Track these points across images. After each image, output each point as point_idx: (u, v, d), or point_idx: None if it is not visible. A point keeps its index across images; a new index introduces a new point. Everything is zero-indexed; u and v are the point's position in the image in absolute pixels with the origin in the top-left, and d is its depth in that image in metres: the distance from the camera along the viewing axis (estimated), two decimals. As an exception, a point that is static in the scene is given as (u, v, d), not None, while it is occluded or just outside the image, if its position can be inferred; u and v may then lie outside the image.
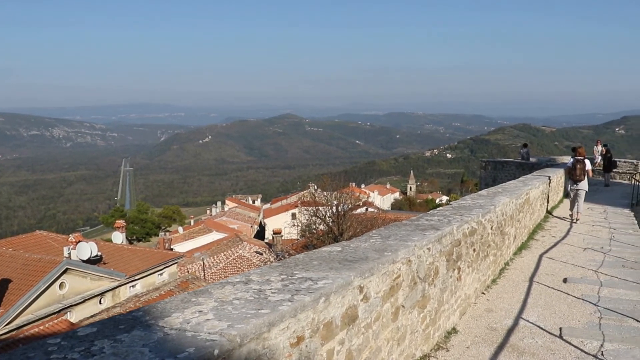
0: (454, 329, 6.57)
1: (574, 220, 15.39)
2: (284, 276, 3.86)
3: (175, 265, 30.30)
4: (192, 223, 71.75)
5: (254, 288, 3.56)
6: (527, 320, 7.01)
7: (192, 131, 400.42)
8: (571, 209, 15.79)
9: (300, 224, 41.74)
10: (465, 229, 6.87)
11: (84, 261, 24.33)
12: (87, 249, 24.90)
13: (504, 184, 12.74)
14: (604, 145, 29.48)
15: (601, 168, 28.28)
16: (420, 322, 5.49)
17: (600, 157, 30.39)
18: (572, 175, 15.69)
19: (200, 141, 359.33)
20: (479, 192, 10.59)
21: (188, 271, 33.48)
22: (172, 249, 41.83)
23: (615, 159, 29.81)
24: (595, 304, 7.76)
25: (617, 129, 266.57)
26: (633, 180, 23.13)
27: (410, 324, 5.20)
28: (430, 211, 7.60)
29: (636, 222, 16.19)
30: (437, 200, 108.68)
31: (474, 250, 7.34)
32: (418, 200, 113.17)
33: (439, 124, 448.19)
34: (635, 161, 32.61)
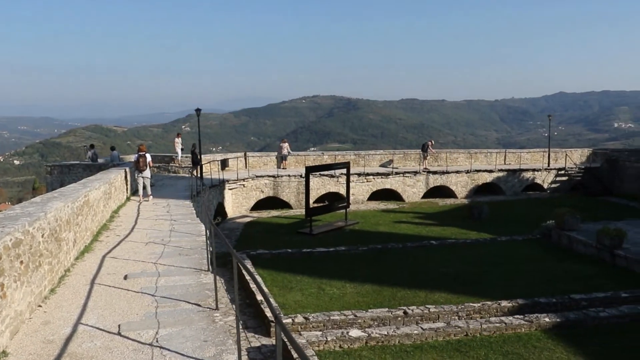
0: (4, 352, 6.03)
1: (146, 201, 19.47)
2: None
3: None
4: None
5: None
6: (87, 324, 6.92)
7: None
8: (141, 194, 19.62)
9: None
10: (7, 240, 6.30)
11: None
12: None
13: (61, 188, 12.28)
14: (192, 147, 30.99)
15: (190, 165, 31.11)
16: (-44, 353, 4.87)
17: (181, 151, 34.49)
18: (138, 166, 19.59)
19: None
20: (32, 199, 9.97)
21: None
22: None
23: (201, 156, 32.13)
24: (153, 295, 8.11)
25: (183, 127, 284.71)
26: (191, 174, 25.57)
27: (-60, 359, 4.57)
28: (-33, 227, 6.79)
29: (195, 211, 17.52)
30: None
31: (22, 262, 6.81)
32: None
33: (3, 128, 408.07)
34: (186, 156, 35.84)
